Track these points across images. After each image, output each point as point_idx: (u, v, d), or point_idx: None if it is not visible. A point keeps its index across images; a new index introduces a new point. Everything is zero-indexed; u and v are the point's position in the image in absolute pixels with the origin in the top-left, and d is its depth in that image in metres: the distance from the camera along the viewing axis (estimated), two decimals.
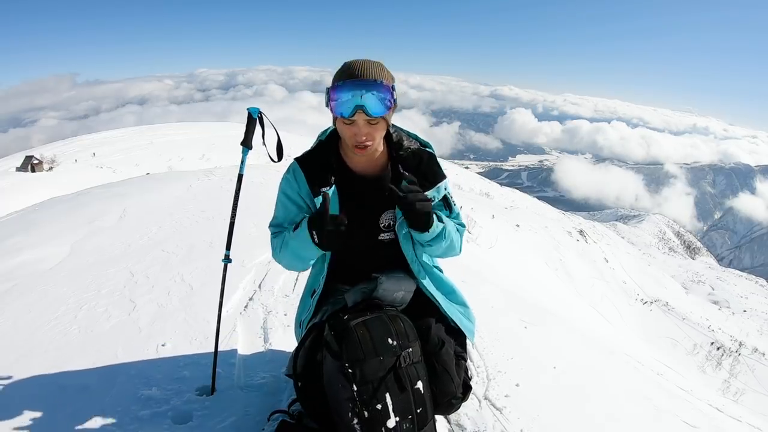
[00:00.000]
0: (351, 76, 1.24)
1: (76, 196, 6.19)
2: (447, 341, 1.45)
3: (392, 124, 1.43)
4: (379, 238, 1.46)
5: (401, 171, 1.40)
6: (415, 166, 1.42)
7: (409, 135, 1.49)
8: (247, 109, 1.58)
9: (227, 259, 1.72)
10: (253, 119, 1.58)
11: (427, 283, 1.50)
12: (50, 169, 39.24)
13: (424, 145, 1.49)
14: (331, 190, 1.37)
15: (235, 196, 1.68)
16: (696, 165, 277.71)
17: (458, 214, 1.56)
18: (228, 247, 1.71)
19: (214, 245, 3.56)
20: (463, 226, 1.55)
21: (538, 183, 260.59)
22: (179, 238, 3.78)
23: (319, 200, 1.36)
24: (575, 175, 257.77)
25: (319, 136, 1.48)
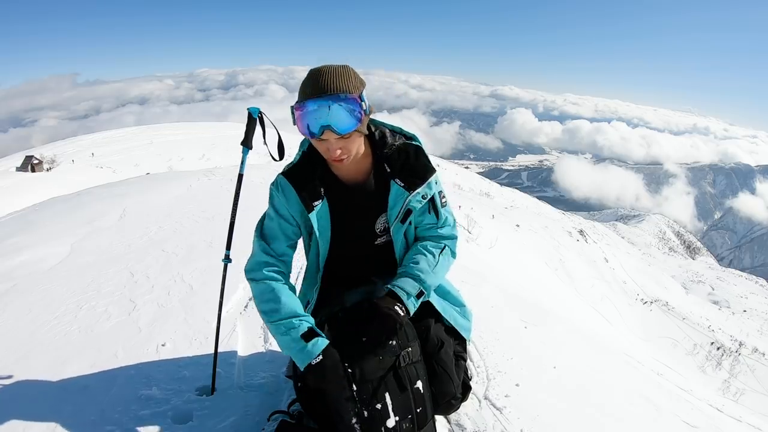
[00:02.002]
0: (314, 92, 1.14)
1: (76, 196, 6.19)
2: (446, 341, 1.45)
3: (373, 120, 1.37)
4: (376, 243, 1.44)
5: (387, 171, 1.34)
6: (401, 162, 1.34)
7: (393, 129, 1.41)
8: (248, 109, 1.56)
9: (227, 259, 1.72)
10: (254, 119, 1.57)
11: None
12: (50, 169, 39.22)
13: (410, 137, 1.41)
14: (321, 204, 1.32)
15: (235, 196, 1.68)
16: (696, 165, 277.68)
17: (446, 219, 1.43)
18: (228, 247, 1.71)
19: (214, 245, 3.56)
20: (454, 237, 1.45)
21: (538, 183, 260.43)
22: (179, 238, 3.78)
23: (312, 216, 1.31)
24: (575, 175, 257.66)
25: (300, 146, 1.39)
